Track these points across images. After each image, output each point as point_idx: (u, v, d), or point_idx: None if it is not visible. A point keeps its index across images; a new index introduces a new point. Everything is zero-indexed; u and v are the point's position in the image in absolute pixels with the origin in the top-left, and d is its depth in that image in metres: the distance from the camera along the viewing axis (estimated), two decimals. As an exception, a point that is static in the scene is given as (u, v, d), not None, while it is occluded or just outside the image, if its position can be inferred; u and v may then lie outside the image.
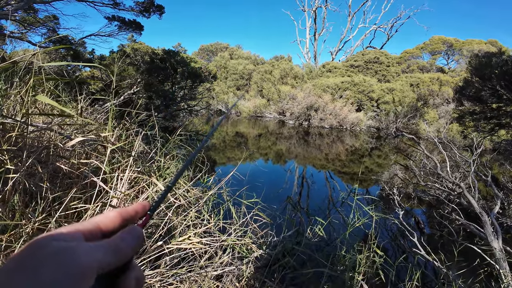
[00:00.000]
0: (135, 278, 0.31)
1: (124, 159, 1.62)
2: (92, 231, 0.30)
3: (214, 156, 8.70)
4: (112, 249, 0.29)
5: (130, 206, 0.36)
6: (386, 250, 3.53)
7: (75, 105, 2.84)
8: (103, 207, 1.28)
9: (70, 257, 0.25)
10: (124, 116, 2.59)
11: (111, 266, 0.28)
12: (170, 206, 1.67)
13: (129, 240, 0.31)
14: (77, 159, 1.53)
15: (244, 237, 2.01)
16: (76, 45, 10.45)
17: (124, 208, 0.35)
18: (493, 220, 2.84)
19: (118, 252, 0.29)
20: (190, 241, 1.38)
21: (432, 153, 5.75)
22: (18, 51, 11.90)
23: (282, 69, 21.85)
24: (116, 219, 0.33)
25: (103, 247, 0.28)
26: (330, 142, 12.88)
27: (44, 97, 0.91)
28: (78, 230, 0.29)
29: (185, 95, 12.38)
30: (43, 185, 1.40)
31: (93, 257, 0.26)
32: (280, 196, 5.03)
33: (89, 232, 0.30)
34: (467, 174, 4.42)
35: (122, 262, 0.30)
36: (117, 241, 0.30)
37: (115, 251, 0.29)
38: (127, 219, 0.34)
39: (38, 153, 1.59)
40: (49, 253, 0.25)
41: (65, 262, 0.24)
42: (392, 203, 4.41)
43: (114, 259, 0.28)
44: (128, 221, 0.34)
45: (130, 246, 0.31)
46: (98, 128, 1.96)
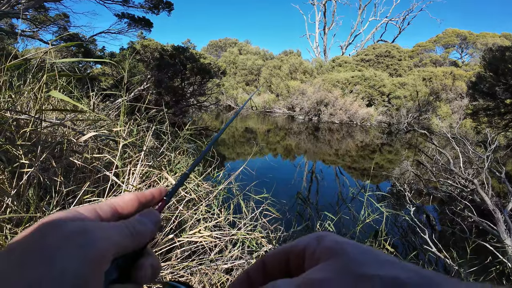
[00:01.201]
0: (151, 266, 0.29)
1: (135, 154, 1.65)
2: (108, 212, 0.29)
3: (223, 151, 8.74)
4: (129, 231, 0.27)
5: (147, 190, 0.34)
6: (397, 247, 3.50)
7: (87, 101, 2.90)
8: (116, 200, 1.30)
9: (88, 239, 0.23)
10: (134, 112, 2.63)
11: (127, 250, 0.27)
12: (181, 200, 1.69)
13: (147, 223, 0.29)
14: (90, 154, 1.56)
15: (254, 231, 2.02)
16: (86, 42, 10.60)
17: (141, 192, 0.33)
18: (506, 217, 2.78)
19: (135, 235, 0.27)
20: (201, 234, 1.39)
21: (444, 148, 5.64)
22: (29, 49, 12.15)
23: (291, 64, 21.69)
24: (133, 202, 0.31)
25: (121, 228, 0.27)
26: (340, 137, 12.77)
27: (57, 93, 0.93)
28: (95, 209, 0.28)
29: (194, 91, 12.44)
30: (57, 179, 1.43)
31: (111, 239, 0.24)
32: (289, 191, 5.03)
33: (105, 213, 0.28)
34: (480, 171, 4.32)
35: (139, 246, 0.28)
36: (134, 223, 0.28)
37: (133, 234, 0.27)
38: (144, 202, 0.32)
39: (52, 148, 1.62)
40: (65, 234, 0.22)
41: (83, 245, 0.22)
42: (403, 199, 4.36)
43: (131, 243, 0.27)
44: (145, 205, 0.33)
45: (148, 229, 0.29)
46: (110, 124, 1.99)
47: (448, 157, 4.32)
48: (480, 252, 2.82)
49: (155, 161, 1.84)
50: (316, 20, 32.75)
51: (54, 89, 2.37)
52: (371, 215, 2.92)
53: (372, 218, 2.86)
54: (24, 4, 7.47)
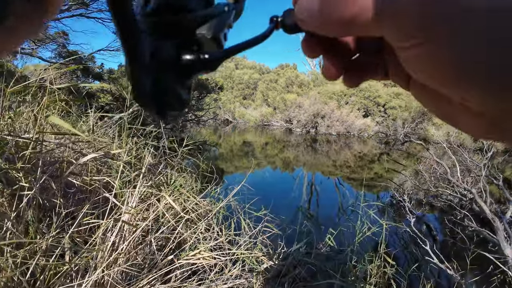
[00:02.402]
0: None
1: (134, 173, 1.66)
2: None
3: (222, 165, 8.73)
4: None
5: None
6: (398, 259, 3.47)
7: (86, 119, 2.92)
8: (115, 222, 1.31)
9: None
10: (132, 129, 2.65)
11: None
12: (180, 219, 1.70)
13: None
14: (89, 176, 1.57)
15: (254, 248, 2.01)
16: (85, 60, 10.75)
17: None
18: (506, 225, 2.78)
19: None
20: (201, 255, 1.39)
21: (442, 157, 5.67)
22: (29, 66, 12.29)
23: (287, 78, 21.98)
24: None
25: None
26: (338, 148, 12.81)
27: (56, 119, 0.95)
28: None
29: (192, 106, 12.53)
30: (56, 201, 1.43)
31: None
32: (289, 205, 5.01)
33: None
34: (478, 179, 4.34)
35: None
36: None
37: None
38: None
39: (51, 169, 1.64)
40: None
41: None
42: (403, 210, 4.35)
43: None
44: None
45: None
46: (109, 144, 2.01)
47: (445, 167, 4.34)
48: (483, 261, 2.80)
49: (154, 181, 1.85)
50: (311, 34, 33.33)
51: (53, 108, 2.40)
52: (371, 227, 2.91)
53: (372, 231, 2.84)
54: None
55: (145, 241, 1.41)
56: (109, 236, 1.28)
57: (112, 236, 1.28)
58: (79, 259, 1.18)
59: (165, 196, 1.31)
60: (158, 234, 1.47)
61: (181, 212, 1.55)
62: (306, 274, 2.13)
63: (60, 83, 7.80)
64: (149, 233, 1.46)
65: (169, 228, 1.62)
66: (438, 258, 2.93)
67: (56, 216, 1.44)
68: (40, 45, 10.02)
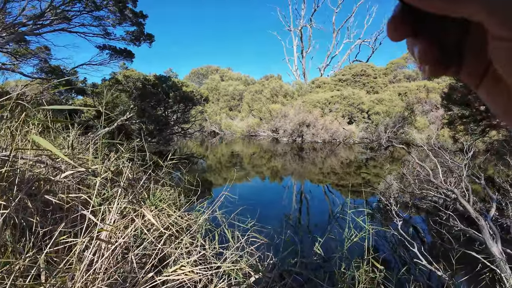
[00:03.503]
0: None
1: (113, 190, 1.61)
2: None
3: (210, 177, 8.64)
4: None
5: None
6: (388, 263, 3.48)
7: (66, 136, 2.84)
8: (91, 241, 1.26)
9: None
10: (115, 144, 2.59)
11: None
12: (161, 235, 1.65)
13: None
14: (66, 193, 1.52)
15: (240, 261, 1.97)
16: (68, 74, 10.58)
17: None
18: (490, 223, 2.84)
19: None
20: (182, 271, 1.35)
21: (425, 160, 5.79)
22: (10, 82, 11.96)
23: (272, 88, 22.22)
24: None
25: None
26: (324, 156, 12.92)
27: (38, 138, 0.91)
28: None
29: (178, 118, 12.46)
30: (33, 220, 1.37)
31: None
32: (279, 213, 4.98)
33: None
34: (460, 179, 4.45)
35: None
36: None
37: None
38: None
39: (28, 187, 1.57)
40: None
41: None
42: (390, 214, 4.39)
43: None
44: None
45: None
46: (88, 160, 1.95)
47: (427, 169, 4.43)
48: (472, 259, 2.83)
49: (134, 196, 1.80)
50: (294, 45, 34.07)
51: (32, 124, 2.32)
52: (358, 233, 2.91)
53: (360, 237, 2.85)
54: (4, 38, 7.47)
55: (126, 259, 1.36)
56: (87, 254, 1.23)
57: (89, 254, 1.23)
58: (54, 279, 1.12)
59: (144, 212, 1.27)
60: (138, 250, 1.42)
61: (161, 227, 1.50)
62: (294, 284, 2.10)
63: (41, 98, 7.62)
64: (131, 250, 1.41)
65: (151, 244, 1.57)
66: (427, 259, 2.95)
67: (33, 236, 1.37)
68: (22, 61, 9.83)
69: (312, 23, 32.84)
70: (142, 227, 1.39)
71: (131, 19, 9.41)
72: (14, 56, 9.49)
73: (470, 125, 7.66)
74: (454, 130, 8.55)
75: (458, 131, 8.42)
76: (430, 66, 0.25)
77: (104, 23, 9.31)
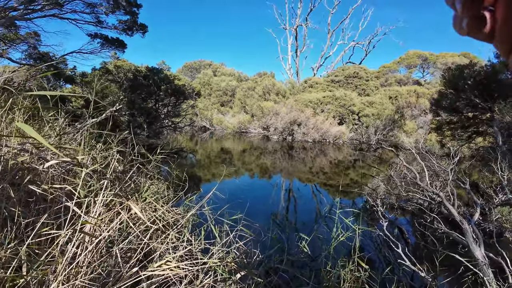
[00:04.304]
0: None
1: (99, 182, 1.57)
2: None
3: (199, 173, 8.59)
4: None
5: None
6: (373, 262, 3.53)
7: (53, 125, 2.76)
8: (74, 233, 1.22)
9: None
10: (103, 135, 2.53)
11: None
12: (147, 229, 1.62)
13: None
14: (50, 184, 1.47)
15: (227, 257, 1.96)
16: (57, 62, 10.31)
17: None
18: (474, 227, 2.91)
19: None
20: (168, 266, 1.32)
21: (412, 163, 5.89)
22: (-3, 67, 11.61)
23: (264, 86, 22.19)
24: None
25: None
26: (314, 155, 13.01)
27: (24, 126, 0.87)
28: None
29: (168, 112, 12.32)
30: (15, 210, 1.33)
31: None
32: (267, 211, 4.99)
33: None
34: (446, 183, 4.55)
35: None
36: None
37: None
38: None
39: (12, 176, 1.52)
40: None
41: None
42: (376, 214, 4.45)
43: None
44: None
45: None
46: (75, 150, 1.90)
47: (414, 172, 4.50)
48: (455, 262, 2.90)
49: (121, 189, 1.76)
50: (289, 44, 34.07)
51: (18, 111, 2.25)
52: (345, 234, 2.94)
53: (346, 236, 2.88)
54: (-6, 22, 7.22)
55: (110, 253, 1.33)
56: (69, 247, 1.20)
57: (72, 247, 1.19)
58: (35, 272, 1.08)
59: (131, 205, 1.24)
60: (124, 244, 1.39)
61: (148, 222, 1.48)
62: (280, 281, 2.11)
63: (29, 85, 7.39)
64: (115, 244, 1.38)
65: (137, 238, 1.54)
66: (410, 260, 3.00)
67: (15, 226, 1.33)
68: (10, 46, 9.52)
69: (308, 22, 32.90)
70: (128, 221, 1.36)
71: (124, 7, 9.22)
72: (3, 41, 9.19)
73: (457, 131, 7.84)
74: (442, 135, 8.73)
75: (445, 136, 8.60)
76: (471, 20, 0.26)
77: (97, 11, 9.09)
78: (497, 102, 5.44)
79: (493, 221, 4.31)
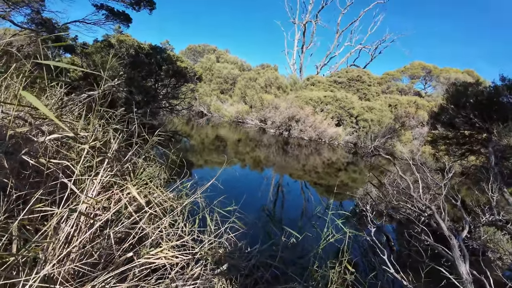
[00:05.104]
0: None
1: (98, 159, 1.53)
2: None
3: (191, 158, 8.55)
4: None
5: None
6: (357, 266, 3.57)
7: (50, 94, 2.68)
8: (72, 212, 1.18)
9: None
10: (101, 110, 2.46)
11: None
12: (144, 214, 1.59)
13: None
14: (47, 158, 1.42)
15: (218, 247, 1.95)
16: (59, 29, 10.04)
17: None
18: (461, 243, 2.94)
19: None
20: (164, 254, 1.30)
21: (406, 173, 5.93)
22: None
23: (267, 78, 22.01)
24: None
25: None
26: (308, 153, 13.04)
27: (27, 94, 0.81)
28: None
29: (167, 93, 12.15)
30: (8, 181, 1.27)
31: None
32: (256, 203, 5.00)
33: None
34: (437, 196, 4.60)
35: None
36: None
37: None
38: None
39: (6, 144, 1.46)
40: None
41: None
42: (365, 220, 4.49)
43: None
44: None
45: None
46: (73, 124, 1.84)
47: (408, 183, 4.54)
48: (437, 274, 2.94)
49: (119, 169, 1.71)
50: (296, 38, 33.70)
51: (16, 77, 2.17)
52: (335, 234, 2.96)
53: (336, 238, 2.89)
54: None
55: (103, 235, 1.30)
56: (63, 226, 1.16)
57: (66, 227, 1.15)
58: (27, 250, 1.04)
59: (130, 188, 1.20)
60: (118, 227, 1.36)
61: (146, 206, 1.44)
62: (269, 276, 2.11)
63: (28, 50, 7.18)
64: (109, 226, 1.34)
65: (132, 221, 1.51)
66: (394, 268, 3.04)
67: (6, 198, 1.27)
68: (14, 8, 9.21)
69: (318, 19, 32.54)
70: (126, 203, 1.33)
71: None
72: (6, 3, 8.89)
73: (452, 147, 7.90)
74: (436, 149, 8.80)
75: (439, 150, 8.67)
76: None
77: (106, -20, 8.83)
78: (495, 124, 5.48)
79: (477, 239, 4.39)
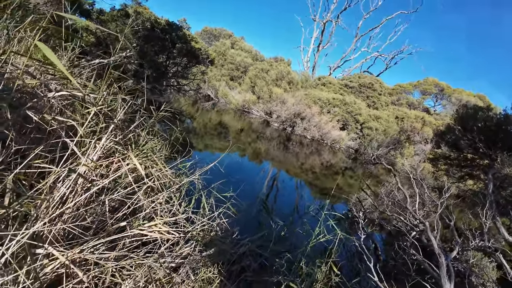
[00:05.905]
0: None
1: (103, 124, 1.50)
2: None
3: (192, 139, 8.53)
4: None
5: None
6: (342, 269, 3.59)
7: (64, 54, 2.65)
8: (70, 173, 1.16)
9: None
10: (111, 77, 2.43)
11: None
12: (142, 185, 1.57)
13: None
14: (52, 115, 1.39)
15: (210, 231, 1.94)
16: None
17: None
18: (449, 263, 2.94)
19: None
20: (157, 228, 1.29)
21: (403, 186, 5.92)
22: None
23: (279, 71, 21.82)
24: None
25: None
26: (309, 153, 13.02)
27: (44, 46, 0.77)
28: None
29: (177, 72, 12.07)
30: (8, 133, 1.25)
31: None
32: (250, 193, 5.00)
33: None
34: (431, 214, 4.59)
35: None
36: None
37: None
38: None
39: (11, 96, 1.43)
40: None
41: None
42: (356, 225, 4.50)
43: None
44: None
45: None
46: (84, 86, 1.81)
47: (406, 195, 4.52)
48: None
49: (122, 138, 1.69)
50: (313, 36, 33.28)
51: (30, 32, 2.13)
52: (325, 235, 2.96)
53: (327, 238, 2.89)
54: None
55: (98, 200, 1.28)
56: (59, 186, 1.14)
57: (62, 187, 1.13)
58: (19, 205, 1.02)
59: (131, 157, 1.18)
60: (114, 196, 1.35)
61: (146, 178, 1.43)
62: (256, 266, 2.11)
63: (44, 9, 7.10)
64: (104, 193, 1.33)
65: (127, 192, 1.49)
66: (379, 276, 3.04)
67: (4, 150, 1.25)
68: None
69: (339, 20, 32.07)
70: (126, 171, 1.31)
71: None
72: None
73: (452, 168, 7.87)
74: (436, 167, 8.77)
75: (439, 169, 8.65)
76: None
77: None
78: (500, 151, 5.44)
79: (463, 262, 4.40)
